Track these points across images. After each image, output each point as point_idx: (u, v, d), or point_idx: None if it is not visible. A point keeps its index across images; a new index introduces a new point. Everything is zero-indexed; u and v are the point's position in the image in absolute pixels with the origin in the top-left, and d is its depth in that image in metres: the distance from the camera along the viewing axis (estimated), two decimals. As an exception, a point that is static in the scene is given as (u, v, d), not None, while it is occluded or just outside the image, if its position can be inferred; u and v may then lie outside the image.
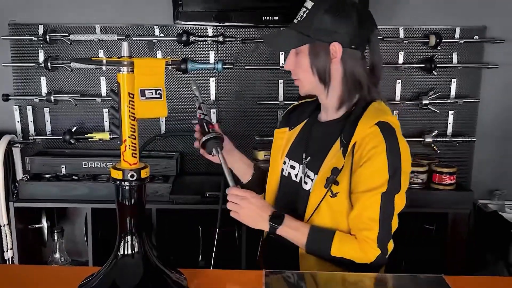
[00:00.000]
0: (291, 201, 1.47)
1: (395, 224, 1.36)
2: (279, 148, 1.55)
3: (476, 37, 2.42)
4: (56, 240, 2.18)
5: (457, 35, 2.42)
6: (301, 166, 1.47)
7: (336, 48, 1.35)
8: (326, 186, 1.34)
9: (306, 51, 1.38)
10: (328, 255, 1.33)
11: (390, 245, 1.37)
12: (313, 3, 1.35)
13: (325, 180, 1.35)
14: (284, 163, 1.53)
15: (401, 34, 2.42)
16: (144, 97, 0.99)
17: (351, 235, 1.35)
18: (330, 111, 1.45)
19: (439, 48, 2.40)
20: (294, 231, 1.36)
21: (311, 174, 1.42)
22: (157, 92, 1.00)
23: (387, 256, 1.35)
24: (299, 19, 1.38)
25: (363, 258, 1.32)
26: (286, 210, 1.42)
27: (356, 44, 1.37)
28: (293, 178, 1.49)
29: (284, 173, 1.53)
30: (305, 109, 1.57)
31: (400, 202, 1.34)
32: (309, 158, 1.45)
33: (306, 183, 1.43)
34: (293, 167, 1.50)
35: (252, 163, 1.64)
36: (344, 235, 1.35)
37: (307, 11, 1.36)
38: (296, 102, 1.66)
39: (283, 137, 1.55)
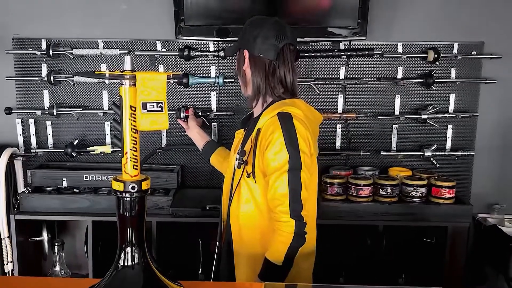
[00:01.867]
0: (231, 187, 1.69)
1: (304, 197, 1.51)
2: (234, 146, 1.75)
3: (474, 52, 2.44)
4: (56, 253, 2.18)
5: (455, 50, 2.44)
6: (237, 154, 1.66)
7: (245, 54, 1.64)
8: (236, 166, 1.59)
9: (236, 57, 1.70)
10: (279, 268, 1.50)
11: (305, 213, 1.50)
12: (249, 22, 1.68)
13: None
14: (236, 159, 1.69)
15: (400, 50, 2.44)
16: (146, 110, 1.01)
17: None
18: (255, 109, 1.70)
19: (437, 63, 2.43)
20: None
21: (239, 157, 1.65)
22: (159, 105, 1.02)
23: (305, 228, 1.50)
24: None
25: (286, 236, 1.48)
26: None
27: (262, 52, 1.60)
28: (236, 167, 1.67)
29: (234, 165, 1.68)
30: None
31: (306, 177, 1.52)
32: (240, 148, 1.64)
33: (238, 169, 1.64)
34: (236, 158, 1.68)
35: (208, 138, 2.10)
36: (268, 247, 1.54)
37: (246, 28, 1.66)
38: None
39: (238, 137, 1.75)
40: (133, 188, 1.04)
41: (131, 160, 1.04)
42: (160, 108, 1.02)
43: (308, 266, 1.66)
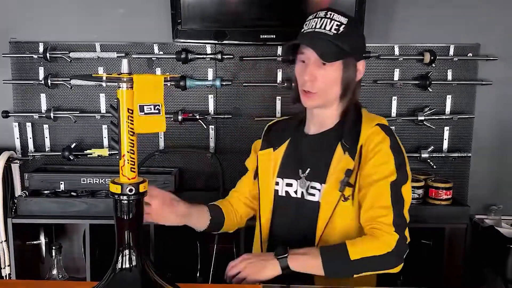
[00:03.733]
0: (295, 219, 1.48)
1: (407, 216, 1.37)
2: (267, 170, 1.54)
3: (470, 54, 2.45)
4: (54, 257, 2.17)
5: (451, 52, 2.45)
6: (299, 180, 1.48)
7: (362, 66, 1.47)
8: (340, 188, 1.37)
9: (340, 65, 1.42)
10: (349, 262, 1.31)
11: (407, 235, 1.37)
12: (347, 19, 1.42)
13: (338, 184, 1.38)
14: (277, 183, 1.52)
15: (396, 52, 2.45)
16: (143, 113, 1.01)
17: (361, 237, 1.37)
18: (327, 122, 1.49)
19: (433, 65, 2.44)
20: (303, 256, 1.35)
21: (316, 184, 1.44)
22: (156, 108, 1.02)
23: (407, 243, 1.35)
24: (334, 31, 1.39)
25: (383, 247, 1.32)
26: (291, 230, 1.44)
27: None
28: (293, 195, 1.49)
29: (280, 193, 1.52)
30: (284, 128, 1.60)
31: (406, 194, 1.38)
32: (308, 169, 1.46)
33: (312, 195, 1.44)
34: (289, 185, 1.50)
35: (203, 208, 1.57)
36: (354, 239, 1.37)
37: (343, 26, 1.40)
38: (270, 122, 1.72)
39: (270, 159, 1.55)
40: (130, 190, 1.04)
41: (128, 163, 1.04)
42: (157, 111, 1.02)
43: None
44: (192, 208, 1.50)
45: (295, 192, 1.49)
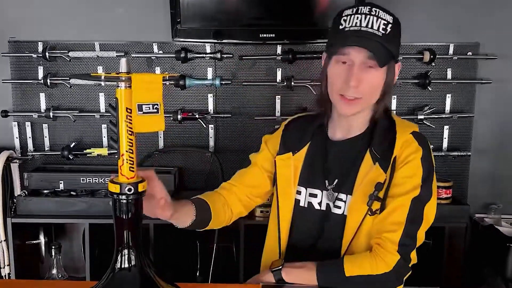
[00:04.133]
0: (319, 233, 1.38)
1: (421, 237, 1.30)
2: (287, 177, 1.42)
3: (470, 53, 2.45)
4: (53, 256, 2.17)
5: (451, 51, 2.45)
6: (325, 192, 1.38)
7: (398, 69, 1.37)
8: (369, 203, 1.28)
9: (384, 68, 1.31)
10: (344, 278, 1.25)
11: (413, 256, 1.30)
12: (392, 18, 1.32)
13: (367, 198, 1.28)
14: (299, 192, 1.42)
15: (396, 51, 2.45)
16: (142, 112, 1.00)
17: (361, 253, 1.30)
18: (355, 128, 1.39)
19: (433, 64, 2.44)
20: (298, 269, 1.30)
21: (343, 196, 1.35)
22: (154, 107, 1.01)
23: (410, 265, 1.29)
24: (382, 31, 1.27)
25: (381, 266, 1.24)
26: (314, 244, 1.37)
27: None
28: (316, 206, 1.39)
29: (302, 204, 1.41)
30: (302, 129, 1.47)
31: (430, 213, 1.30)
32: (336, 180, 1.37)
33: (338, 207, 1.35)
34: (313, 195, 1.40)
35: (188, 204, 1.39)
36: (354, 255, 1.30)
37: (390, 25, 1.29)
38: (278, 125, 1.59)
39: (289, 164, 1.42)
40: (129, 190, 1.04)
41: (127, 162, 1.03)
42: (155, 110, 1.01)
43: None
44: (177, 204, 1.30)
45: (319, 204, 1.39)
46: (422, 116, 2.45)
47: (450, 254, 2.31)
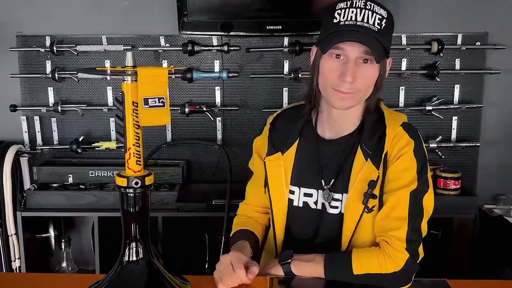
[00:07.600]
0: (316, 232, 1.39)
1: (424, 229, 1.31)
2: (278, 177, 1.41)
3: (478, 43, 2.42)
4: (63, 249, 2.20)
5: (459, 41, 2.43)
6: (321, 191, 1.38)
7: (389, 64, 1.37)
8: (364, 201, 1.28)
9: (379, 64, 1.29)
10: (352, 275, 1.25)
11: (420, 251, 1.30)
12: (386, 13, 1.31)
13: (362, 196, 1.29)
14: (292, 192, 1.41)
15: (404, 42, 2.43)
16: (148, 106, 1.01)
17: (370, 247, 1.30)
18: (346, 125, 1.38)
19: (441, 54, 2.42)
20: (307, 263, 1.29)
21: (338, 195, 1.35)
22: (160, 100, 1.02)
23: (418, 262, 1.29)
24: (377, 26, 1.26)
25: (390, 265, 1.24)
26: (311, 244, 1.37)
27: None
28: (312, 206, 1.39)
29: (296, 204, 1.41)
30: (288, 125, 1.45)
31: (428, 204, 1.31)
32: (333, 180, 1.36)
33: (335, 207, 1.35)
34: (308, 195, 1.39)
35: (246, 247, 1.42)
36: (362, 249, 1.30)
37: (384, 20, 1.28)
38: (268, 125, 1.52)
39: (280, 164, 1.41)
40: (136, 183, 1.05)
41: (134, 156, 1.04)
42: (161, 104, 1.02)
43: None
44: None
45: (315, 203, 1.39)
46: (430, 107, 2.44)
47: (459, 245, 2.31)
